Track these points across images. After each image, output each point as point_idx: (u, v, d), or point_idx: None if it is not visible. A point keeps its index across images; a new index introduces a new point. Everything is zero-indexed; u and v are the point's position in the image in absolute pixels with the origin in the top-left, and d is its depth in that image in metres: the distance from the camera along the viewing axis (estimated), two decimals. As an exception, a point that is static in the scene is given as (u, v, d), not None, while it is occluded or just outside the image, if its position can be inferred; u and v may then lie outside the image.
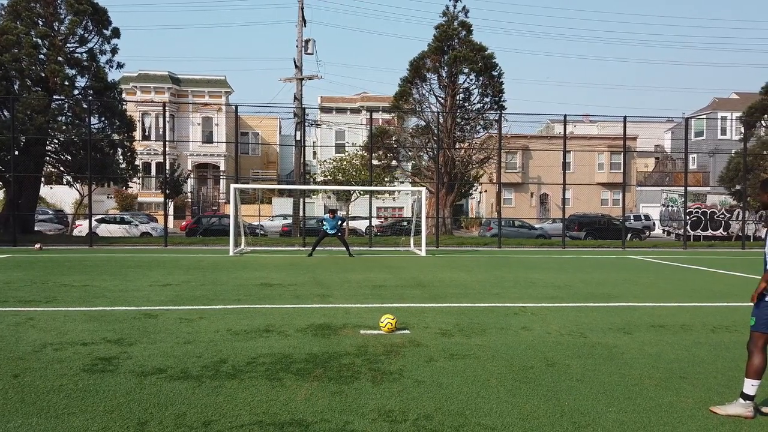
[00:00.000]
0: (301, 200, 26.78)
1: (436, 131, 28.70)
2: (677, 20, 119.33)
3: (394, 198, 43.88)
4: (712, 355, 6.00)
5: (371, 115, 27.16)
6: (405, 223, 31.61)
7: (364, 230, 33.69)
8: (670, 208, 35.67)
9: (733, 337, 6.92)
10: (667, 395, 4.68)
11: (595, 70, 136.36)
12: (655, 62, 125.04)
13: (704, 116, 50.40)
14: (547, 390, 4.76)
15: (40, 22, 25.20)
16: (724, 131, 49.94)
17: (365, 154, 32.67)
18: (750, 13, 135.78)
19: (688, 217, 28.60)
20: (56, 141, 25.90)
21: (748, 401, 4.26)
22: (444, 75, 31.30)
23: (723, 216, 31.53)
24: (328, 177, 34.92)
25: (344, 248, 18.61)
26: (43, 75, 24.78)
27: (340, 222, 18.78)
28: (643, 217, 39.04)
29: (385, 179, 33.78)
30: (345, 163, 34.83)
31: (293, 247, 22.49)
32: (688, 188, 27.45)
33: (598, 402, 4.48)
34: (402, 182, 36.83)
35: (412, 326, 7.20)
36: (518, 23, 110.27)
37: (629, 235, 30.21)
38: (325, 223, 18.58)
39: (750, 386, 4.25)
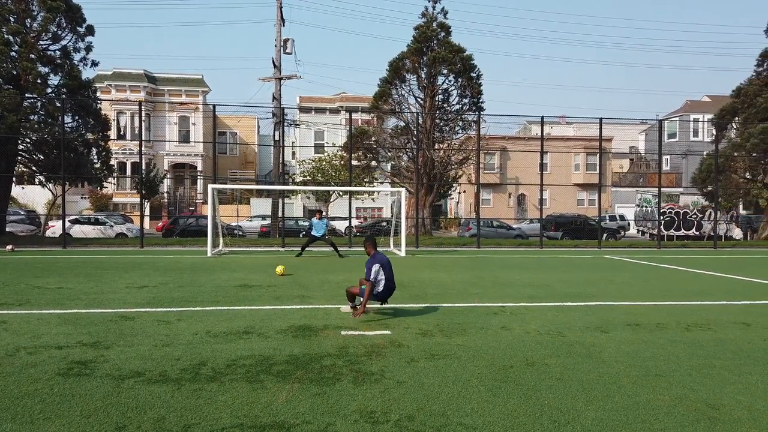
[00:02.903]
0: (280, 201, 26.63)
1: (415, 132, 28.78)
2: (652, 24, 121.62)
3: (373, 198, 43.92)
4: (688, 353, 6.11)
5: (351, 116, 27.11)
6: (384, 224, 31.65)
7: (343, 231, 33.64)
8: (644, 208, 36.29)
9: (707, 335, 7.06)
10: (644, 393, 4.77)
11: (571, 72, 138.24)
12: (629, 65, 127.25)
13: (677, 118, 51.38)
14: (528, 389, 4.81)
15: (12, 19, 24.60)
16: (696, 133, 50.98)
17: (344, 154, 32.65)
18: (721, 18, 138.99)
19: (661, 218, 29.13)
20: (29, 140, 25.34)
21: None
22: (423, 76, 31.43)
23: (695, 216, 32.19)
24: (308, 177, 34.82)
25: (332, 249, 18.59)
26: (15, 73, 24.22)
27: (326, 224, 18.68)
28: (618, 218, 39.69)
29: (365, 180, 33.81)
30: (324, 163, 34.79)
31: (272, 248, 22.34)
32: (662, 189, 27.94)
33: (577, 400, 4.54)
34: (381, 183, 36.87)
35: (392, 327, 7.21)
36: (496, 25, 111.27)
37: (605, 235, 30.67)
38: (313, 226, 18.15)
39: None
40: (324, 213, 18.58)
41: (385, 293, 7.76)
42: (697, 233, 31.82)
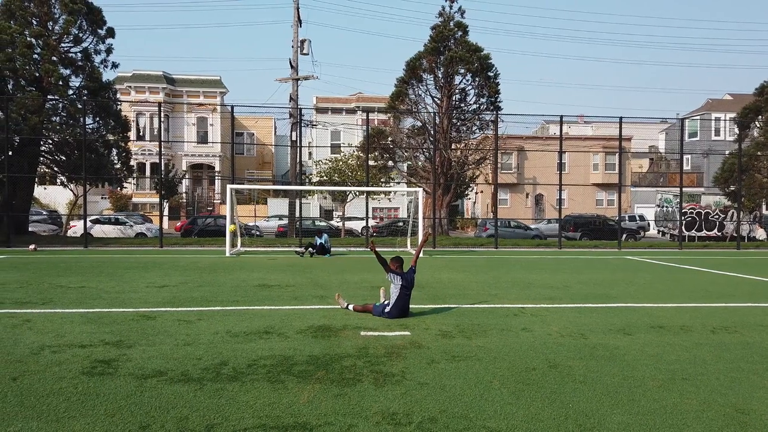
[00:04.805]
0: (297, 201, 26.72)
1: (432, 132, 28.70)
2: (671, 21, 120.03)
3: (389, 199, 43.89)
4: (714, 356, 6.00)
5: (368, 116, 27.11)
6: (401, 224, 31.60)
7: (360, 231, 33.66)
8: (664, 208, 35.79)
9: (733, 338, 6.93)
10: (671, 396, 4.68)
11: (589, 71, 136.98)
12: (648, 63, 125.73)
13: (698, 117, 50.63)
14: (551, 392, 4.74)
15: (34, 22, 25.04)
16: (717, 132, 50.18)
17: (361, 154, 32.65)
18: (743, 15, 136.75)
19: (683, 218, 28.69)
20: (50, 141, 25.75)
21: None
22: (440, 75, 31.32)
23: (717, 216, 31.67)
24: (324, 177, 34.89)
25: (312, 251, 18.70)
26: (38, 75, 24.62)
27: (320, 242, 18.86)
28: (638, 218, 39.20)
29: (381, 180, 33.78)
30: (341, 163, 34.83)
31: (289, 248, 22.41)
32: (683, 189, 27.52)
33: (602, 404, 4.47)
34: (398, 183, 36.83)
35: (411, 327, 7.17)
36: (514, 24, 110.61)
37: (624, 236, 30.29)
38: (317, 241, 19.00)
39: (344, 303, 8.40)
40: (321, 235, 19.45)
41: (394, 313, 7.72)
42: (720, 234, 31.31)
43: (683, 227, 28.79)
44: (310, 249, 18.75)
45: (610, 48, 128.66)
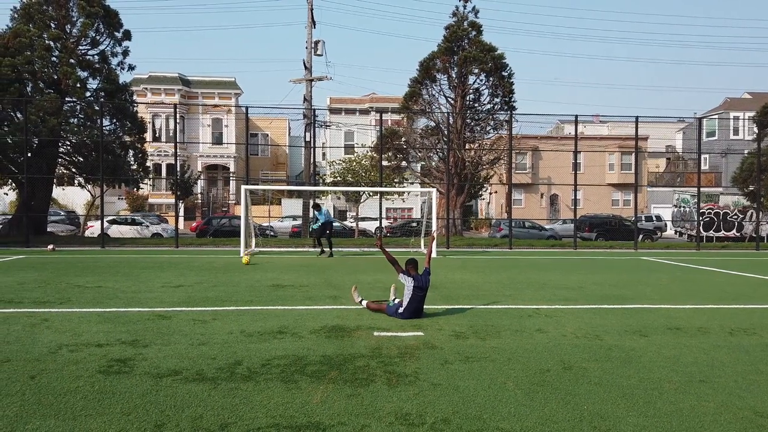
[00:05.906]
0: (311, 201, 26.80)
1: (446, 132, 28.63)
2: (689, 20, 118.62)
3: (403, 199, 43.87)
4: (732, 358, 5.91)
5: (381, 116, 27.10)
6: (415, 224, 31.58)
7: (373, 231, 33.69)
8: (682, 208, 35.37)
9: (752, 339, 6.82)
10: (688, 399, 4.62)
11: (605, 70, 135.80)
12: (665, 62, 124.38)
13: (716, 116, 49.96)
14: (566, 393, 4.71)
15: (53, 25, 25.40)
16: (736, 131, 49.48)
17: (375, 155, 32.68)
18: (762, 13, 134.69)
19: (701, 218, 28.33)
20: (68, 143, 26.10)
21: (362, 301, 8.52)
22: (454, 75, 31.24)
23: (736, 217, 31.23)
24: (338, 178, 34.97)
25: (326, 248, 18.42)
26: (56, 77, 24.97)
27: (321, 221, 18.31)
28: (654, 218, 38.78)
29: (395, 180, 33.78)
30: (354, 164, 34.89)
31: (303, 248, 22.49)
32: (701, 189, 27.17)
33: (617, 406, 4.43)
34: (412, 183, 36.80)
35: (425, 328, 7.16)
36: (528, 23, 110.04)
37: (641, 236, 29.98)
38: (319, 219, 18.46)
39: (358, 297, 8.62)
40: (320, 211, 18.21)
41: (407, 315, 7.73)
42: (738, 234, 30.87)
43: (701, 228, 28.42)
44: (323, 248, 18.75)
45: (625, 47, 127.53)
